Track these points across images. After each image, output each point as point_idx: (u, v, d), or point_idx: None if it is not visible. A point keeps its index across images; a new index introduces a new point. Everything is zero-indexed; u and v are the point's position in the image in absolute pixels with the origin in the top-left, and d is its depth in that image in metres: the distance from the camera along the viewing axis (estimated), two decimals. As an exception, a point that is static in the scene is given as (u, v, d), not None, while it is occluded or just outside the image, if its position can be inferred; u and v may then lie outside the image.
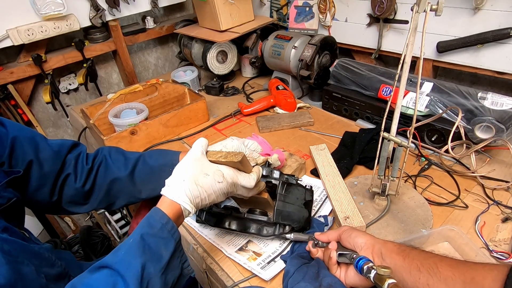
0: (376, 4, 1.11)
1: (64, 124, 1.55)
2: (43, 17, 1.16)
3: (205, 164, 0.56)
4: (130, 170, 0.72)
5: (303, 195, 0.68)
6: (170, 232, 0.51)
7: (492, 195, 0.77)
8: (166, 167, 0.72)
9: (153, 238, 0.49)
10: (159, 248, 0.49)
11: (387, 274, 0.46)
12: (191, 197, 0.53)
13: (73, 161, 0.70)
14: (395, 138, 0.65)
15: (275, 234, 0.67)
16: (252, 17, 1.38)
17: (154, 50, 1.74)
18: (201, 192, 0.54)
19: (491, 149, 0.88)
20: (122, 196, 0.74)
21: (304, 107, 1.19)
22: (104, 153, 0.75)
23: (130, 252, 0.47)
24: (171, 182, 0.55)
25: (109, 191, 0.72)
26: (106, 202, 0.74)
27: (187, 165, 0.56)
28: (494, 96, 0.84)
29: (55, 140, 0.70)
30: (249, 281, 0.64)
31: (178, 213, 0.53)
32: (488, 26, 0.92)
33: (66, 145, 0.71)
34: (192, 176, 0.54)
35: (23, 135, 0.64)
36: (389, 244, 0.54)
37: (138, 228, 0.50)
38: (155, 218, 0.51)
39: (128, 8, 1.39)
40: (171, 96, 1.23)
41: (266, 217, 0.68)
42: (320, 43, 1.16)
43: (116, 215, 1.67)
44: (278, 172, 0.68)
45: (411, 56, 0.58)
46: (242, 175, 0.58)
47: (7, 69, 1.23)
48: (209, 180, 0.54)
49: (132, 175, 0.73)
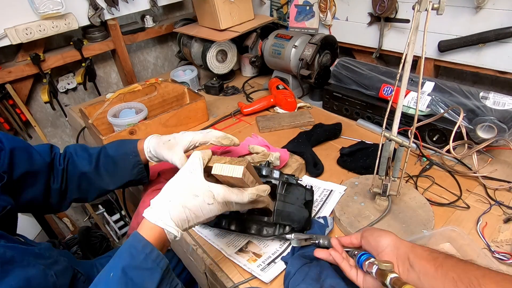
0: (377, 3, 1.11)
1: (62, 124, 1.54)
2: (41, 16, 1.16)
3: (195, 184, 0.51)
4: (94, 165, 0.73)
5: (303, 195, 0.68)
6: (155, 262, 0.46)
7: (494, 196, 0.76)
8: (126, 155, 0.74)
9: (136, 271, 0.45)
10: (143, 281, 0.45)
11: (389, 268, 0.44)
12: (177, 220, 0.49)
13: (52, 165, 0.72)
14: (396, 138, 0.64)
15: (275, 235, 0.66)
16: (252, 16, 1.38)
17: (153, 49, 1.73)
18: (188, 214, 0.50)
19: (493, 149, 0.87)
20: (92, 189, 0.75)
21: (304, 106, 1.19)
22: (70, 150, 0.76)
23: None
24: (155, 203, 0.51)
25: (79, 186, 0.74)
26: (79, 195, 0.75)
27: (176, 184, 0.52)
28: (496, 95, 0.83)
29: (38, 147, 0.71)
30: (249, 283, 0.63)
31: (162, 237, 0.49)
32: (490, 25, 0.91)
33: (48, 151, 0.72)
34: (180, 197, 0.50)
35: (19, 145, 0.65)
36: (418, 249, 0.47)
37: (118, 259, 0.46)
38: (137, 248, 0.46)
39: (127, 7, 1.38)
40: (170, 96, 1.22)
41: (266, 218, 0.67)
42: (320, 42, 1.15)
43: (115, 216, 1.67)
44: (278, 172, 0.67)
45: (413, 55, 0.57)
46: (234, 193, 0.52)
47: (5, 69, 1.22)
48: (198, 202, 0.50)
49: (97, 168, 0.74)
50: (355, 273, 0.53)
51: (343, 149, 0.92)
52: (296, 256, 0.63)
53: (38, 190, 0.68)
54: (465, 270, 0.42)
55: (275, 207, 0.64)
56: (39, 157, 0.68)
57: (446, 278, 0.42)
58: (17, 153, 0.64)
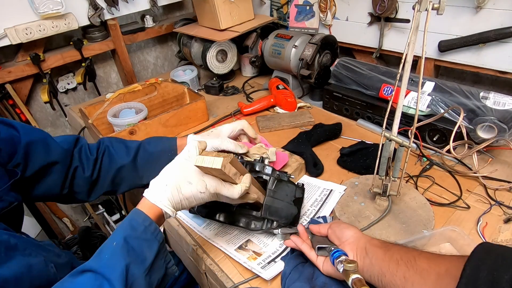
0: (377, 3, 1.11)
1: (62, 124, 1.54)
2: (41, 16, 1.16)
3: (190, 171, 0.55)
4: (132, 158, 0.75)
5: (294, 192, 0.69)
6: (153, 234, 0.51)
7: (494, 196, 0.76)
8: (164, 152, 0.77)
9: (136, 240, 0.49)
10: (142, 250, 0.49)
11: (352, 269, 0.48)
12: (173, 202, 0.54)
13: (78, 154, 0.73)
14: (396, 138, 0.64)
15: (262, 229, 0.67)
16: (252, 16, 1.37)
17: (153, 49, 1.73)
18: (182, 198, 0.54)
19: (493, 149, 0.87)
20: (125, 182, 0.77)
21: (304, 106, 1.19)
22: (106, 143, 0.77)
23: (114, 255, 0.47)
24: (154, 185, 0.55)
25: (114, 179, 0.75)
26: (111, 188, 0.76)
27: (172, 169, 0.56)
28: (496, 95, 0.83)
29: (60, 137, 0.72)
30: (249, 283, 0.63)
31: (159, 215, 0.54)
32: (490, 25, 0.91)
33: (71, 140, 0.73)
34: (175, 182, 0.54)
35: (36, 138, 0.65)
36: (375, 240, 0.56)
37: (120, 231, 0.50)
38: (137, 221, 0.51)
39: (127, 7, 1.38)
40: (170, 96, 1.22)
41: (255, 212, 0.68)
42: (320, 42, 1.15)
43: (115, 216, 1.67)
44: (270, 168, 0.68)
45: (413, 55, 0.57)
46: (226, 187, 0.55)
47: (5, 69, 1.22)
48: (191, 189, 0.54)
49: (134, 162, 0.76)
50: (314, 255, 0.59)
51: (343, 149, 0.92)
52: (292, 256, 0.64)
53: (56, 180, 0.68)
54: (407, 251, 0.51)
55: (264, 202, 0.65)
56: (57, 146, 0.68)
57: (391, 259, 0.51)
58: (33, 147, 0.64)
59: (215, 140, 0.71)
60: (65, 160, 0.69)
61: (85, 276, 0.46)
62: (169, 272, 0.54)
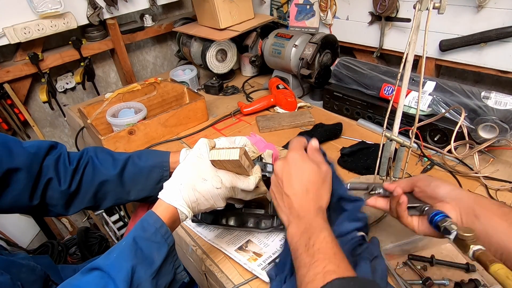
0: (377, 2, 1.10)
1: (61, 123, 1.54)
2: (40, 15, 1.15)
3: (203, 169, 0.54)
4: (119, 171, 0.69)
5: None
6: (163, 237, 0.50)
7: (496, 196, 0.76)
8: (156, 168, 0.72)
9: (145, 241, 0.49)
10: (151, 252, 0.48)
11: (470, 238, 0.38)
12: (188, 202, 0.53)
13: (53, 163, 0.66)
14: (397, 138, 0.64)
15: (273, 226, 0.68)
16: (252, 15, 1.37)
17: (153, 48, 1.72)
18: (199, 197, 0.53)
19: (494, 149, 0.87)
20: (109, 197, 0.71)
21: (304, 106, 1.18)
22: (90, 153, 0.71)
23: (122, 254, 0.47)
24: (169, 185, 0.54)
25: (96, 193, 0.69)
26: (92, 203, 0.70)
27: (185, 169, 0.55)
28: (497, 95, 0.82)
29: (32, 142, 0.66)
30: (249, 284, 0.63)
31: (174, 217, 0.52)
32: (492, 24, 0.91)
33: (43, 147, 0.66)
34: (190, 180, 0.53)
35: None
36: (485, 202, 0.44)
37: (132, 231, 0.50)
38: (149, 222, 0.50)
39: (126, 6, 1.37)
40: (169, 96, 1.22)
41: (263, 210, 0.68)
42: (321, 42, 1.15)
43: (114, 216, 1.66)
44: (271, 166, 0.67)
45: (414, 55, 0.57)
46: (241, 179, 0.56)
47: (3, 68, 1.21)
48: (207, 186, 0.53)
49: (121, 176, 0.70)
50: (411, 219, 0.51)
51: (343, 149, 0.91)
52: None
53: (22, 189, 0.61)
54: None
55: (271, 200, 0.64)
56: (22, 151, 0.61)
57: None
58: None
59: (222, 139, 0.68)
60: (31, 167, 0.62)
61: (92, 274, 0.45)
62: (178, 277, 0.53)
